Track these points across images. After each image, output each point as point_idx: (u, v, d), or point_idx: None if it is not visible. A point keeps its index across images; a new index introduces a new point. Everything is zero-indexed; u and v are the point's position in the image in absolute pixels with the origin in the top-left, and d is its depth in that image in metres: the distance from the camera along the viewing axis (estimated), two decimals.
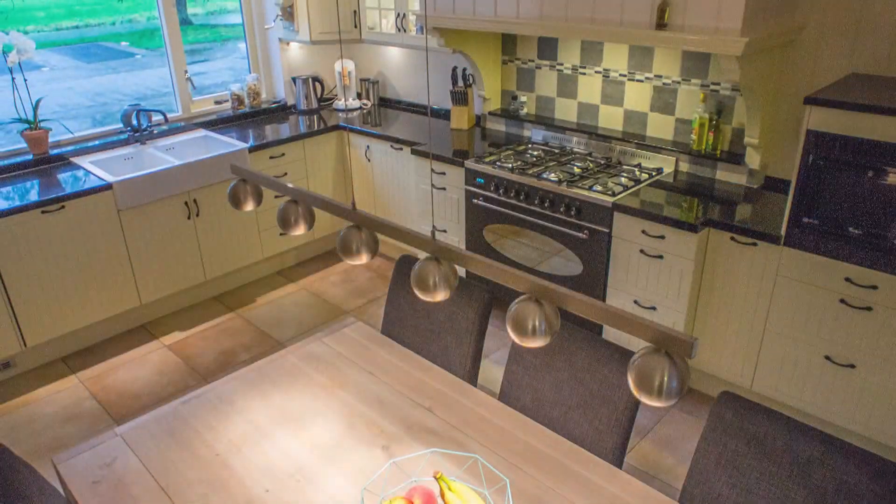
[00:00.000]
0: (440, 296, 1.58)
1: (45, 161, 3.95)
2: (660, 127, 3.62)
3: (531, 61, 4.09)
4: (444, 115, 4.74)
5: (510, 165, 3.61)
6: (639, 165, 3.59)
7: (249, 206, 2.07)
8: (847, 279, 2.65)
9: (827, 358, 2.79)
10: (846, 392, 2.78)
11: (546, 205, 3.42)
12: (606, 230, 3.21)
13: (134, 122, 4.29)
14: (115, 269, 3.80)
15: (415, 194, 4.32)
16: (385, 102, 5.19)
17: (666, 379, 1.23)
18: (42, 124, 3.98)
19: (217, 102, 4.87)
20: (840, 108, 2.46)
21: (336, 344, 2.44)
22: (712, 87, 3.34)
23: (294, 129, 4.58)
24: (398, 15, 4.45)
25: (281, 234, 4.60)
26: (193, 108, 4.75)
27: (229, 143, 4.31)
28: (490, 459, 1.87)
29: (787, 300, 2.83)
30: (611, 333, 3.41)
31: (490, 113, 4.36)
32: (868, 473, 1.58)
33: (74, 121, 4.39)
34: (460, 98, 4.38)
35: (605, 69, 3.74)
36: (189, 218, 4.05)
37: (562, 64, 3.93)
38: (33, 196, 3.49)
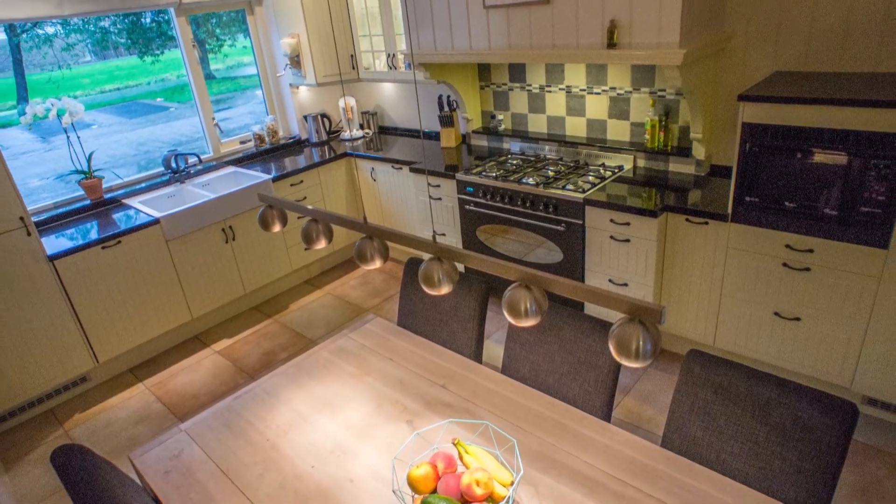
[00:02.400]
0: (444, 289, 1.58)
1: (100, 204, 3.95)
2: (618, 131, 3.61)
3: (504, 85, 4.09)
4: (435, 136, 4.74)
5: (494, 174, 3.61)
6: (603, 165, 3.59)
7: (277, 228, 2.07)
8: (787, 246, 2.65)
9: (776, 314, 2.79)
10: (794, 341, 2.78)
11: (527, 205, 3.42)
12: (580, 222, 3.21)
13: (173, 164, 4.29)
14: (167, 290, 3.80)
15: (415, 205, 4.32)
16: (384, 130, 5.19)
17: (641, 343, 1.23)
18: (96, 173, 3.98)
19: (242, 142, 4.87)
20: (768, 102, 2.47)
21: (360, 338, 2.44)
22: (659, 93, 3.34)
23: (309, 160, 4.58)
24: (389, 55, 4.45)
25: (305, 249, 4.60)
26: (222, 149, 4.75)
27: (255, 176, 4.31)
28: (498, 424, 1.87)
29: (737, 268, 2.83)
30: (591, 309, 3.41)
31: (473, 131, 4.36)
32: (819, 409, 1.58)
33: (123, 168, 4.39)
34: (447, 121, 4.38)
35: (567, 86, 3.74)
36: (227, 242, 4.05)
37: (530, 85, 3.93)
38: (93, 235, 3.49)
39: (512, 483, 1.59)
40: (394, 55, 4.44)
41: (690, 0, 2.65)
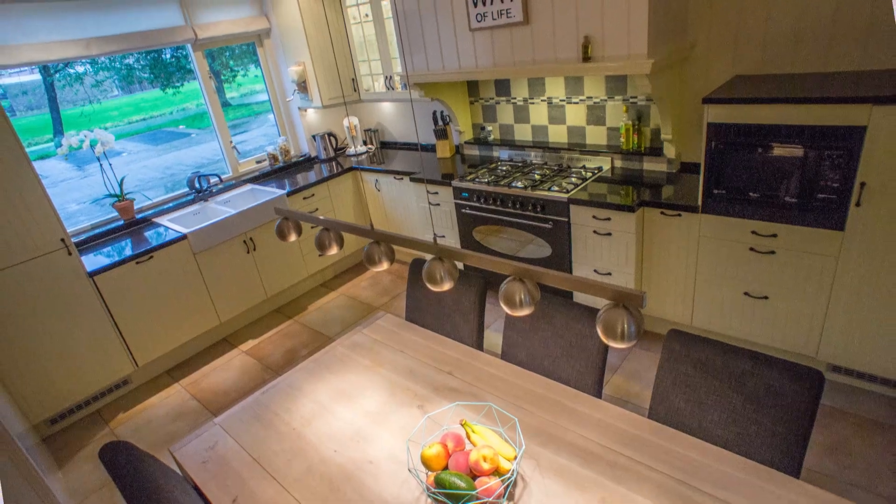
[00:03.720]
0: (446, 286, 1.58)
1: (133, 224, 3.95)
2: (595, 135, 3.61)
3: (492, 99, 4.09)
4: (431, 148, 4.74)
5: (486, 180, 3.61)
6: (583, 167, 3.59)
7: (293, 237, 2.07)
8: (753, 232, 2.65)
9: (746, 294, 2.79)
10: (764, 317, 2.78)
11: (517, 206, 3.42)
12: (566, 219, 3.21)
13: (197, 185, 4.29)
14: (197, 298, 3.80)
15: (417, 211, 4.32)
16: (385, 145, 5.19)
17: (626, 326, 1.24)
18: (127, 196, 3.98)
19: (258, 162, 4.87)
20: (731, 104, 2.47)
21: (372, 333, 2.44)
22: (631, 100, 3.34)
23: (319, 175, 4.58)
24: (386, 77, 4.45)
25: (319, 255, 4.60)
26: (241, 169, 4.74)
27: (271, 192, 4.31)
28: (501, 405, 1.88)
29: (709, 254, 2.83)
30: (580, 297, 3.41)
31: (466, 142, 4.36)
32: (788, 377, 1.59)
33: (151, 190, 4.39)
34: (441, 134, 4.38)
35: (548, 97, 3.74)
36: (248, 252, 4.05)
37: (515, 98, 3.93)
38: (128, 252, 3.49)
39: (515, 457, 1.60)
40: (391, 77, 4.44)
41: (656, 14, 2.65)
